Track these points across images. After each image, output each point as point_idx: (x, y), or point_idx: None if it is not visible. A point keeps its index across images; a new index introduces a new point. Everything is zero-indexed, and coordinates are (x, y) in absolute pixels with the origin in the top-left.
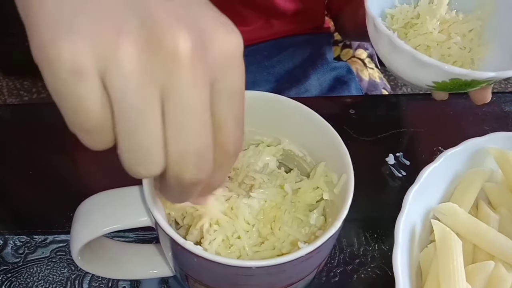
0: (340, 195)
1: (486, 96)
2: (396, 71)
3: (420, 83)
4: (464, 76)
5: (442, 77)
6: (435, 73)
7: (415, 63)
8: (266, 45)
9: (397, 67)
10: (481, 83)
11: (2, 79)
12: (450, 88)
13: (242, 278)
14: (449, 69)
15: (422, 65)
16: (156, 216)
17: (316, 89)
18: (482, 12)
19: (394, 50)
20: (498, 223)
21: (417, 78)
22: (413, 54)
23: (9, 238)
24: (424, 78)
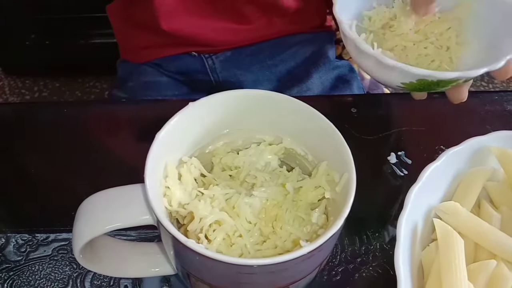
0: (342, 194)
1: (461, 94)
2: (368, 73)
3: (390, 84)
4: (429, 77)
5: (408, 78)
6: (400, 75)
7: (380, 66)
8: (269, 44)
9: (366, 70)
10: (449, 82)
11: (3, 78)
12: (420, 88)
13: (244, 277)
14: (411, 70)
15: (386, 68)
16: (158, 215)
17: (318, 88)
18: (460, 10)
19: (360, 54)
20: (500, 221)
21: (386, 80)
22: (376, 57)
23: (11, 237)
24: (392, 79)
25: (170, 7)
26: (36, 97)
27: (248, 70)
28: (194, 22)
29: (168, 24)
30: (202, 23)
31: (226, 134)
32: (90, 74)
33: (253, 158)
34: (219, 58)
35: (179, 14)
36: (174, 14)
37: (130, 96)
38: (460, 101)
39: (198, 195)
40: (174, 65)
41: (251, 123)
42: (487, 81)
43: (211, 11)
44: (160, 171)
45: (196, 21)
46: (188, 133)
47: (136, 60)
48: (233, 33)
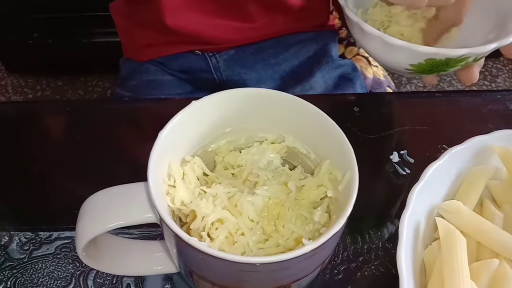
0: (344, 193)
1: (472, 75)
2: (374, 57)
3: (398, 67)
4: (437, 55)
5: (417, 59)
6: (408, 55)
7: (387, 48)
8: (272, 42)
9: (373, 54)
10: (459, 61)
11: (6, 77)
12: (429, 70)
13: (246, 275)
14: (419, 49)
15: (393, 49)
16: (161, 213)
17: (321, 87)
18: None
19: (366, 37)
20: (502, 220)
21: (393, 63)
22: (383, 38)
23: (14, 235)
24: (400, 61)
25: (175, 3)
26: (38, 95)
27: (252, 69)
28: (197, 19)
29: (173, 21)
30: (206, 21)
31: (228, 132)
32: (92, 73)
33: (256, 156)
34: (223, 56)
35: (184, 11)
36: (178, 10)
37: (133, 94)
38: (471, 82)
39: (201, 194)
40: (177, 63)
41: (254, 121)
42: (490, 80)
43: (214, 8)
44: (163, 169)
45: (200, 19)
46: (191, 131)
47: (139, 59)
48: (236, 31)
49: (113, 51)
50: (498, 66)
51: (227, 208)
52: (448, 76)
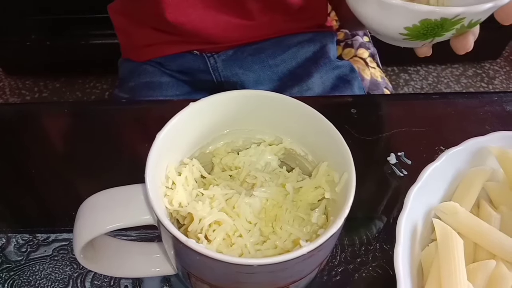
0: (342, 194)
1: (466, 43)
2: (367, 22)
3: (392, 32)
4: (433, 15)
5: (411, 20)
6: (402, 16)
7: (381, 9)
8: (270, 43)
9: (367, 17)
10: (454, 23)
11: (4, 79)
12: (423, 34)
13: (244, 276)
14: (414, 8)
15: (388, 10)
16: (158, 214)
17: (318, 88)
18: None
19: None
20: (499, 222)
21: (388, 26)
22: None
23: (11, 237)
24: (395, 25)
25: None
26: (36, 97)
27: (250, 69)
28: (197, 15)
29: (173, 16)
30: (206, 17)
31: (226, 134)
32: (90, 74)
33: (253, 158)
34: (221, 57)
35: (184, 6)
36: (179, 5)
37: (131, 96)
38: (466, 50)
39: (199, 195)
40: (176, 63)
41: (251, 123)
42: (487, 82)
43: (214, 4)
44: (160, 171)
45: (200, 14)
46: (189, 133)
47: (137, 59)
48: (236, 29)
49: (111, 53)
50: (495, 68)
51: (224, 210)
52: (445, 78)
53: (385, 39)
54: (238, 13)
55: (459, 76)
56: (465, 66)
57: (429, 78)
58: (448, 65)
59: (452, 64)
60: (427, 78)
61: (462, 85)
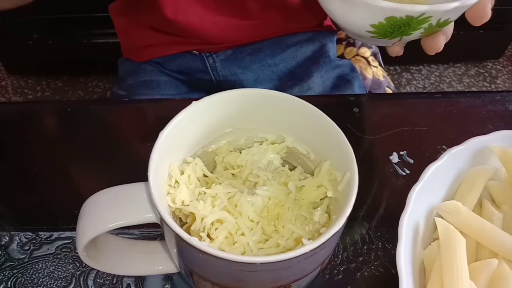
0: (344, 193)
1: (436, 43)
2: (336, 19)
3: (359, 30)
4: (397, 12)
5: (376, 18)
6: (368, 13)
7: (346, 5)
8: (269, 43)
9: (334, 13)
10: (420, 22)
11: (6, 78)
12: (390, 32)
13: (246, 274)
14: (378, 4)
15: (353, 6)
16: (161, 213)
17: (319, 87)
18: None
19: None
20: (501, 221)
21: (354, 23)
22: None
23: (15, 235)
24: (360, 21)
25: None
26: (38, 96)
27: (249, 69)
28: (197, 14)
29: (172, 14)
30: (205, 16)
31: (228, 133)
32: (92, 73)
33: (256, 157)
34: (220, 56)
35: (183, 5)
36: (177, 6)
37: (128, 93)
38: (435, 51)
39: (201, 194)
40: (175, 63)
41: (254, 122)
42: (489, 82)
43: (214, 3)
44: (163, 169)
45: (199, 13)
46: (191, 132)
47: (138, 59)
48: (235, 29)
49: (113, 52)
50: (497, 68)
51: (227, 209)
52: (447, 77)
53: (354, 36)
54: (237, 13)
55: (462, 75)
56: (468, 65)
57: (432, 77)
58: (450, 64)
59: (455, 63)
60: (430, 77)
61: (465, 85)
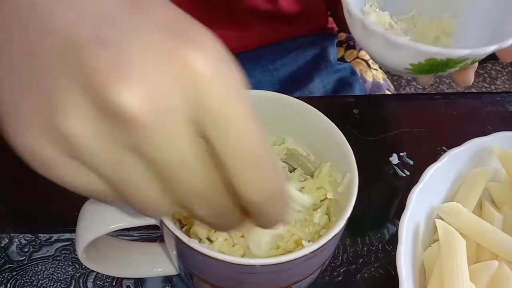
0: (344, 194)
1: (468, 78)
2: (374, 56)
3: (397, 66)
4: (439, 55)
5: (417, 58)
6: (409, 54)
7: (388, 46)
8: (270, 48)
9: (373, 52)
10: (458, 62)
11: None
12: (427, 70)
13: (246, 276)
14: (421, 48)
15: (395, 47)
16: None
17: (320, 91)
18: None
19: (368, 34)
20: (502, 222)
21: (393, 62)
22: (385, 36)
23: (14, 237)
24: (400, 61)
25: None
26: None
27: (250, 75)
28: None
29: None
30: None
31: None
32: None
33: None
34: None
35: None
36: None
37: None
38: (467, 84)
39: None
40: None
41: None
42: (489, 82)
43: (212, 21)
44: None
45: None
46: None
47: None
48: (235, 41)
49: None
50: (497, 68)
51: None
52: (447, 78)
53: (389, 70)
54: (236, 27)
55: None
56: None
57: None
58: None
59: None
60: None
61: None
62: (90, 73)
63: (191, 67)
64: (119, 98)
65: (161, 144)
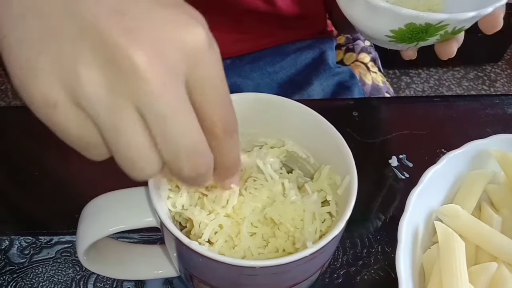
0: (344, 197)
1: (450, 49)
2: (356, 24)
3: (379, 34)
4: (418, 19)
5: (397, 24)
6: (389, 18)
7: (369, 11)
8: (269, 51)
9: (356, 18)
10: (438, 29)
11: (6, 82)
12: (408, 37)
13: (246, 278)
14: (401, 11)
15: (376, 12)
16: (161, 217)
17: (318, 95)
18: None
19: (351, 2)
20: (500, 224)
21: (375, 28)
22: (367, 0)
23: (15, 239)
24: (381, 27)
25: None
26: None
27: (248, 78)
28: None
29: None
30: None
31: None
32: None
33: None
34: None
35: None
36: None
37: None
38: (449, 56)
39: (201, 198)
40: None
41: (254, 126)
42: (488, 85)
43: (210, 23)
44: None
45: None
46: None
47: None
48: (233, 43)
49: None
50: (496, 71)
51: (226, 212)
52: (447, 81)
53: (372, 40)
54: (234, 29)
55: (461, 79)
56: (467, 69)
57: (431, 81)
58: (449, 68)
59: (454, 67)
60: (429, 81)
61: (464, 88)
62: (107, 32)
63: (192, 38)
64: (131, 53)
65: (160, 96)
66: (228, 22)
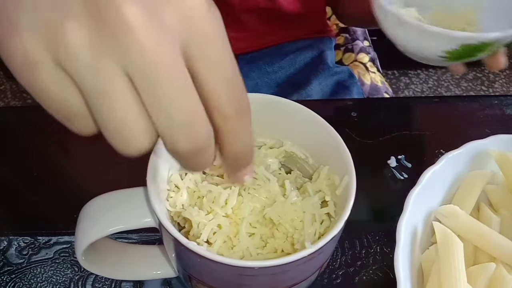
0: (342, 197)
1: (499, 61)
2: (403, 45)
3: (431, 55)
4: (472, 40)
5: (452, 45)
6: (444, 41)
7: (423, 36)
8: (268, 51)
9: (406, 43)
10: (489, 45)
11: (5, 82)
12: (462, 56)
13: (245, 279)
14: (457, 35)
15: (429, 36)
16: (160, 217)
17: (317, 94)
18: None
19: (402, 27)
20: (499, 225)
21: (427, 51)
22: (422, 26)
23: (13, 239)
24: (435, 48)
25: None
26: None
27: (247, 77)
28: None
29: None
30: None
31: None
32: None
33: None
34: None
35: None
36: None
37: None
38: (499, 68)
39: (200, 198)
40: None
41: (252, 126)
42: (487, 86)
43: None
44: (162, 173)
45: None
46: None
47: None
48: (232, 42)
49: None
50: (495, 72)
51: (225, 212)
52: (445, 81)
53: (419, 59)
54: (234, 26)
55: (460, 79)
56: (466, 69)
57: (430, 81)
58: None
59: None
60: (428, 81)
61: (463, 89)
62: None
63: (190, 2)
64: (122, 7)
65: (152, 55)
66: (227, 20)
